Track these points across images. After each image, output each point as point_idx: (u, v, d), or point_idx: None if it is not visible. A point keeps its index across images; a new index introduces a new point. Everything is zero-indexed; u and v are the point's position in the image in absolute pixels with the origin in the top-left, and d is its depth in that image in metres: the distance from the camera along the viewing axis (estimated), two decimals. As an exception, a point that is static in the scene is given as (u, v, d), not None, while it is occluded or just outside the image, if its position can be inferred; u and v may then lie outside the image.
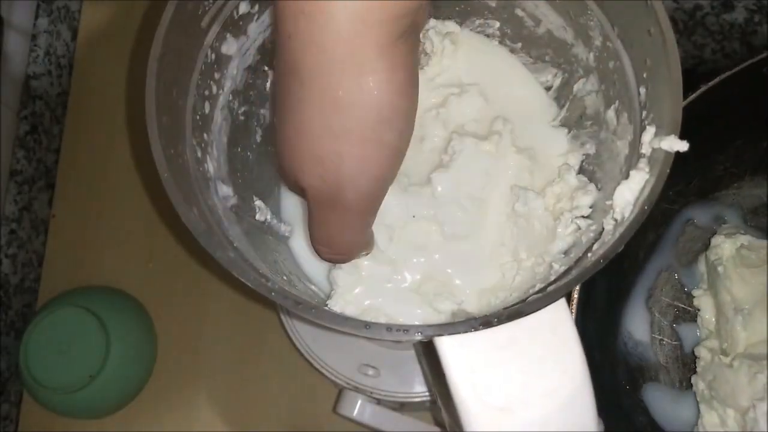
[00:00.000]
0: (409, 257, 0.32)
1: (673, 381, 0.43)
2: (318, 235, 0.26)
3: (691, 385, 0.42)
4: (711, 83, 0.38)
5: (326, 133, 0.22)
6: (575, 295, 0.37)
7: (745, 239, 0.43)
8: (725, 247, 0.42)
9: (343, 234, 0.26)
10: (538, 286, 0.28)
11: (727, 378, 0.39)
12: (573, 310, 0.36)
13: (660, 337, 0.44)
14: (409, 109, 0.23)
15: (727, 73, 0.38)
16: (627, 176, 0.27)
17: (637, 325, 0.44)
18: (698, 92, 0.38)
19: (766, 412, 0.37)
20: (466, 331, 0.23)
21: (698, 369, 0.42)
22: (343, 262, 0.29)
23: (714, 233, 0.44)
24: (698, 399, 0.41)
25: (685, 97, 0.37)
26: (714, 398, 0.40)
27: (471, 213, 0.32)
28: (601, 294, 0.41)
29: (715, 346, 0.42)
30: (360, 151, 0.23)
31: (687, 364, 0.43)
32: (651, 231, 0.45)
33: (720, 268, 0.42)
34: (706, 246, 0.44)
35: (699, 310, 0.43)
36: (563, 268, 0.28)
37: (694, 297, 0.44)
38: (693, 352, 0.43)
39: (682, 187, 0.44)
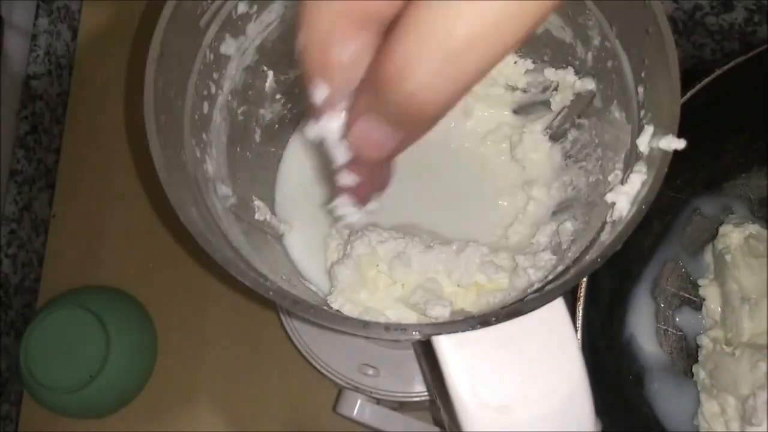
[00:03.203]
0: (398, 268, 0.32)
1: (677, 371, 0.43)
2: (360, 125, 0.22)
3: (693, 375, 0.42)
4: (721, 70, 0.38)
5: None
6: (583, 286, 0.36)
7: (753, 228, 0.43)
8: (734, 236, 0.43)
9: (385, 133, 0.22)
10: (536, 285, 0.29)
11: (728, 366, 0.40)
12: (581, 302, 0.36)
13: (665, 327, 0.44)
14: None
15: (738, 60, 0.38)
16: (625, 175, 0.27)
17: (642, 314, 0.44)
18: (708, 79, 0.38)
19: (765, 400, 0.37)
20: (464, 330, 0.23)
21: (700, 358, 0.42)
22: (370, 164, 0.24)
23: (721, 223, 0.44)
24: (699, 388, 0.41)
25: (695, 84, 0.37)
26: (714, 387, 0.40)
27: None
28: (606, 284, 0.41)
29: (719, 336, 0.42)
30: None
31: (691, 354, 0.43)
32: (657, 220, 0.45)
33: (728, 257, 0.42)
34: (713, 236, 0.44)
35: (704, 299, 0.44)
36: (561, 268, 0.28)
37: (699, 287, 0.44)
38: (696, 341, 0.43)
39: (689, 176, 0.44)
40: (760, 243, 0.42)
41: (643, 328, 0.43)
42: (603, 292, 0.39)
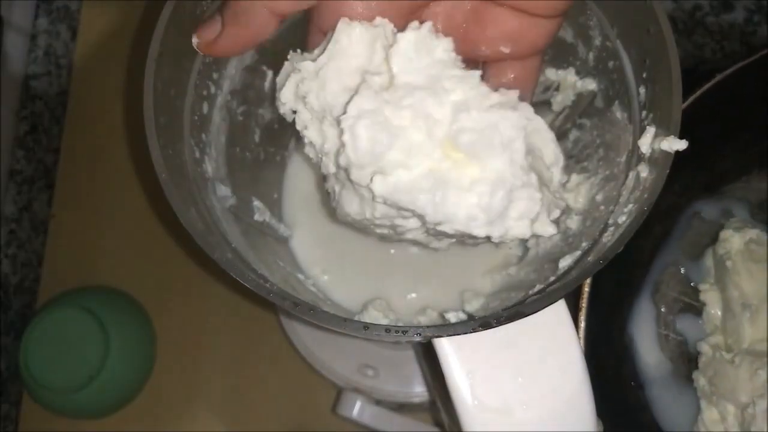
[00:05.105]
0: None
1: (679, 376, 0.43)
2: None
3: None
4: (723, 74, 0.37)
5: None
6: (586, 289, 0.36)
7: (754, 233, 0.42)
8: (734, 241, 0.42)
9: None
10: (538, 287, 0.28)
11: (728, 374, 0.39)
12: (583, 305, 0.36)
13: (665, 332, 0.44)
14: None
15: (739, 65, 0.38)
16: (626, 177, 0.27)
17: (643, 319, 0.43)
18: (711, 83, 0.37)
19: (765, 409, 0.37)
20: (465, 333, 0.23)
21: (700, 364, 0.42)
22: None
23: (721, 227, 0.43)
24: (699, 395, 0.41)
25: (697, 88, 0.37)
26: (714, 394, 0.40)
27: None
28: (607, 288, 0.40)
29: (719, 342, 0.42)
30: None
31: (692, 360, 0.43)
32: (658, 225, 0.44)
33: (728, 263, 0.42)
34: (713, 240, 0.43)
35: (705, 305, 0.43)
36: (563, 269, 0.28)
37: (700, 291, 0.43)
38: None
39: (689, 180, 0.44)
40: (760, 248, 0.42)
41: (643, 333, 0.43)
42: (604, 297, 0.39)
